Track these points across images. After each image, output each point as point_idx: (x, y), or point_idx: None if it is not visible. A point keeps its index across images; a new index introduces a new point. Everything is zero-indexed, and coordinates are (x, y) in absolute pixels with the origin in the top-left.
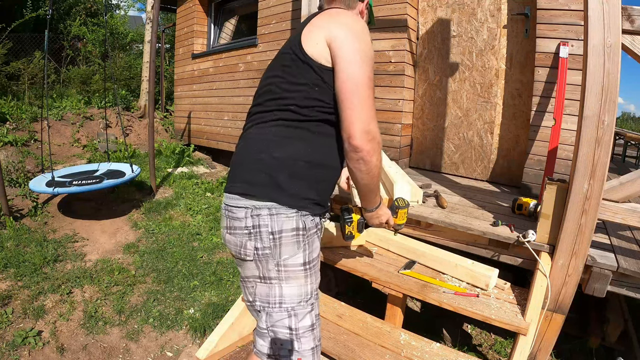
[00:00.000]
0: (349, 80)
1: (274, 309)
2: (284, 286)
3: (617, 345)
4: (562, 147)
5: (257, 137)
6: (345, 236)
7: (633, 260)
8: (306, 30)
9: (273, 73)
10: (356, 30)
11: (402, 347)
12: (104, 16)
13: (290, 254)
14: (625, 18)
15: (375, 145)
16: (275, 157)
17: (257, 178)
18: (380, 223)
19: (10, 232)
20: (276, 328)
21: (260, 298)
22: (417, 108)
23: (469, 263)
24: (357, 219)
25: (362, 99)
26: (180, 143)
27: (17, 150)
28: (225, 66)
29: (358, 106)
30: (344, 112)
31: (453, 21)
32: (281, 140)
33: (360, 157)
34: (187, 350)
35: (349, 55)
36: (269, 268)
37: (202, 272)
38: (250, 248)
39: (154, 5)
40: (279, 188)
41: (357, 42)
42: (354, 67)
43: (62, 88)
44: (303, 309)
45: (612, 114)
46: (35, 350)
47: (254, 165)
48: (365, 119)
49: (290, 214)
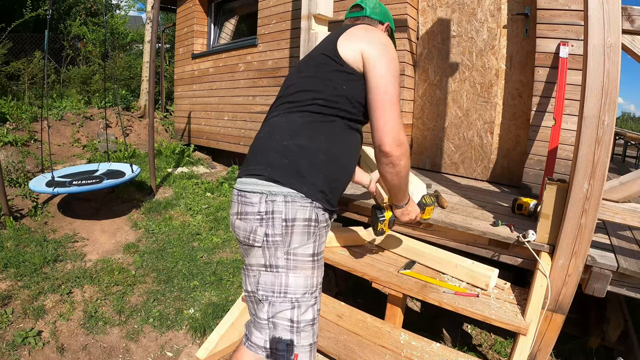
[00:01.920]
0: (384, 94)
1: (278, 299)
2: (290, 275)
3: (617, 345)
4: (562, 147)
5: (283, 125)
6: (377, 232)
7: (633, 260)
8: (343, 37)
9: (304, 72)
10: (391, 50)
11: (402, 347)
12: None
13: (301, 243)
14: (625, 18)
15: (404, 151)
16: (301, 145)
17: (279, 162)
18: (410, 219)
19: (10, 232)
20: (277, 319)
21: (263, 287)
22: (417, 108)
23: (469, 263)
24: (389, 216)
25: (393, 111)
26: (180, 143)
27: (17, 150)
28: (225, 66)
29: (390, 118)
30: (377, 122)
31: (453, 21)
32: (307, 130)
33: (390, 162)
34: (187, 350)
35: (384, 72)
36: (277, 256)
37: (202, 272)
38: (260, 234)
39: (154, 5)
40: (300, 175)
41: (391, 62)
42: (388, 84)
43: (62, 88)
44: (307, 302)
45: (612, 114)
46: (35, 350)
47: (278, 151)
48: (395, 129)
49: (305, 204)
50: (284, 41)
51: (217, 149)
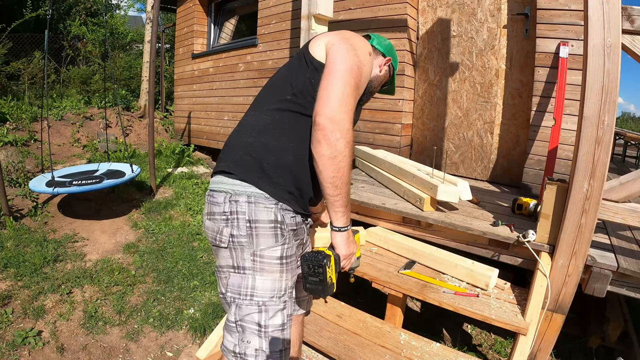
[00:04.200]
0: (333, 64)
1: (244, 301)
2: (257, 278)
3: (617, 345)
4: (562, 147)
5: (251, 123)
6: (325, 287)
7: (633, 260)
8: (314, 38)
9: (278, 73)
10: (352, 40)
11: (402, 347)
12: (104, 16)
13: (268, 245)
14: (625, 18)
15: (342, 130)
16: (265, 143)
17: (243, 159)
18: (350, 253)
19: (10, 232)
20: (245, 323)
21: (231, 289)
22: (417, 108)
23: (469, 263)
24: (332, 254)
25: (340, 85)
26: (180, 143)
27: (17, 150)
28: (225, 66)
29: (334, 89)
30: (320, 92)
31: (453, 21)
32: (273, 129)
33: (323, 137)
34: (187, 350)
35: (341, 50)
36: (243, 257)
37: (202, 272)
38: (226, 235)
39: (154, 5)
40: (264, 174)
41: (348, 46)
42: (341, 59)
43: (62, 88)
44: (275, 306)
45: (612, 114)
46: (35, 350)
47: (242, 148)
48: (336, 104)
49: (269, 205)
50: (284, 41)
51: (217, 149)
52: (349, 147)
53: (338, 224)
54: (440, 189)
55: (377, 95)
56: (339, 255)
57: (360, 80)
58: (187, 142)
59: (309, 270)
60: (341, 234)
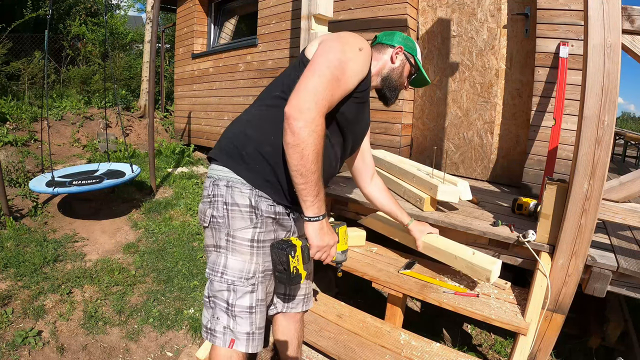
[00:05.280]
0: (310, 63)
1: (215, 277)
2: (229, 257)
3: (617, 345)
4: (562, 147)
5: (242, 116)
6: (289, 276)
7: (633, 260)
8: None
9: (280, 74)
10: (344, 38)
11: (402, 347)
12: (104, 16)
13: (240, 226)
14: (625, 18)
15: (307, 119)
16: (248, 134)
17: (227, 147)
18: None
19: (10, 232)
20: (216, 300)
21: (210, 266)
22: (417, 108)
23: (470, 254)
24: (300, 244)
25: (314, 79)
26: (180, 143)
27: (17, 150)
28: (225, 66)
29: (305, 83)
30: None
31: (453, 21)
32: (259, 121)
33: (288, 126)
34: (187, 350)
35: (321, 49)
36: (220, 237)
37: (202, 272)
38: (208, 215)
39: (154, 5)
40: (243, 161)
41: (335, 43)
42: (318, 55)
43: (62, 88)
44: (243, 287)
45: (612, 114)
46: (35, 350)
47: (229, 137)
48: (306, 95)
49: (244, 190)
50: (284, 41)
51: None
52: (313, 136)
53: (308, 214)
54: (440, 189)
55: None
56: (311, 245)
57: (343, 74)
58: (187, 142)
59: (276, 258)
60: (312, 224)
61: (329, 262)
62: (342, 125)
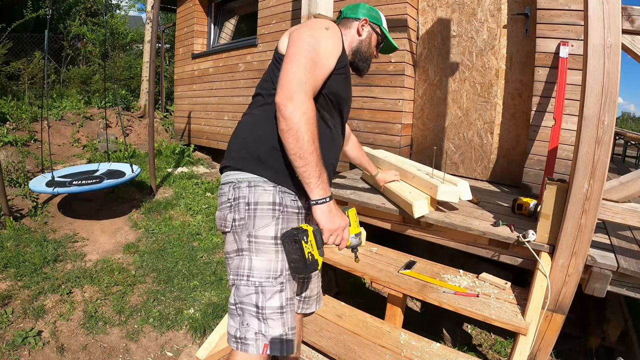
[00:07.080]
0: (291, 48)
1: (242, 282)
2: (253, 258)
3: (617, 345)
4: (562, 147)
5: (244, 120)
6: (305, 264)
7: (633, 260)
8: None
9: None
10: (307, 24)
11: (402, 347)
12: (104, 16)
13: (262, 225)
14: (625, 18)
15: (297, 103)
16: (258, 135)
17: (240, 154)
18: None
19: (10, 232)
20: (244, 305)
21: (233, 271)
22: (417, 108)
23: (408, 192)
24: (311, 229)
25: (295, 66)
26: (180, 143)
27: (17, 150)
28: (225, 66)
29: (288, 70)
30: (280, 75)
31: (453, 21)
32: (261, 119)
33: (281, 115)
34: (187, 350)
35: (290, 40)
36: (242, 239)
37: (202, 272)
38: (229, 220)
39: (154, 5)
40: (259, 161)
41: (301, 30)
42: (290, 46)
43: (62, 88)
44: (271, 287)
45: (612, 114)
46: (35, 350)
47: (239, 144)
48: (292, 82)
49: (267, 188)
50: None
51: (217, 149)
52: (305, 118)
53: (314, 197)
54: (440, 189)
55: (377, 95)
56: (323, 230)
57: (319, 55)
58: (187, 142)
59: (289, 247)
60: (320, 207)
61: (344, 247)
62: (338, 104)
